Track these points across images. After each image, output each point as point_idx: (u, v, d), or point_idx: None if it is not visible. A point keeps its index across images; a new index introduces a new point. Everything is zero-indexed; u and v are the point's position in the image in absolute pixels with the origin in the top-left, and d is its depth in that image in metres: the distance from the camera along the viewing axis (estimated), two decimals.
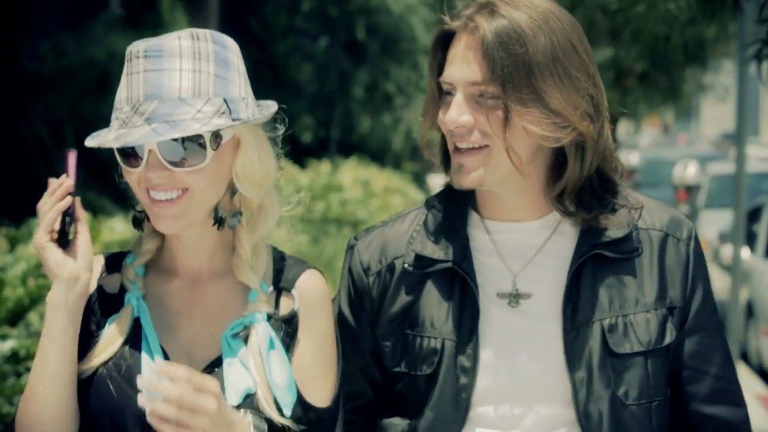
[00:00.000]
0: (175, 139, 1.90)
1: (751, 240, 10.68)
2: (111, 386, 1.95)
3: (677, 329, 2.13)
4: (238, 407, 1.92)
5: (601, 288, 2.10)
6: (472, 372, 2.09)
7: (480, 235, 2.16)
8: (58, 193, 1.94)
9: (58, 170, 1.84)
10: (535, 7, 2.07)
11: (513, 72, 2.01)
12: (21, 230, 6.65)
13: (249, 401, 1.94)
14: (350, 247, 2.22)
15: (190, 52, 1.93)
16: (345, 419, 2.16)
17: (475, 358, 2.09)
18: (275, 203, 2.07)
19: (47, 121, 10.36)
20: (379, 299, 2.17)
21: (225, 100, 1.93)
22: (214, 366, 1.96)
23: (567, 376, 2.08)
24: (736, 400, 2.20)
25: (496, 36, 2.02)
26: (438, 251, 2.13)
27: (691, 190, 12.23)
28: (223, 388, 1.91)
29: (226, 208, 2.01)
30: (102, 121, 2.16)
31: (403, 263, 2.16)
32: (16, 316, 5.17)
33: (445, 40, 2.12)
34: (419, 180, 22.99)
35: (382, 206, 15.46)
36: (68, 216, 1.94)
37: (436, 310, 2.13)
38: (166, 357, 1.96)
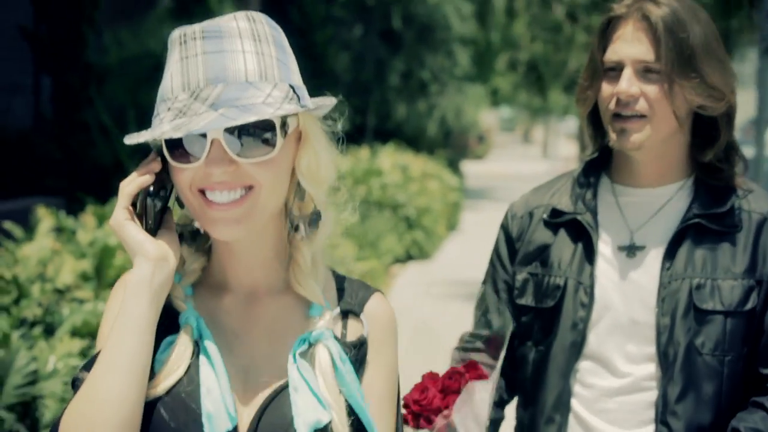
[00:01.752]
0: (232, 132, 1.66)
1: None
2: (166, 415, 1.70)
3: (763, 300, 2.43)
4: None
5: (697, 252, 2.44)
6: (589, 307, 2.48)
7: (608, 196, 2.56)
8: (142, 171, 1.72)
9: (120, 154, 1.78)
10: (684, 1, 2.45)
11: (678, 53, 2.39)
12: (106, 208, 7.15)
13: None
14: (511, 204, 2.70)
15: (249, 33, 1.70)
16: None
17: (591, 296, 2.48)
18: (330, 208, 1.83)
19: (110, 109, 10.85)
20: (517, 238, 2.61)
21: (291, 86, 1.72)
22: (279, 392, 1.73)
23: (655, 320, 2.42)
24: None
25: (664, 22, 2.40)
26: (569, 206, 2.56)
27: None
28: (291, 418, 1.70)
29: (298, 212, 1.80)
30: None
31: (542, 212, 2.59)
32: None
33: (609, 24, 2.48)
34: (453, 165, 23.28)
35: (420, 190, 15.89)
36: (150, 197, 1.72)
37: (563, 254, 2.54)
38: None
